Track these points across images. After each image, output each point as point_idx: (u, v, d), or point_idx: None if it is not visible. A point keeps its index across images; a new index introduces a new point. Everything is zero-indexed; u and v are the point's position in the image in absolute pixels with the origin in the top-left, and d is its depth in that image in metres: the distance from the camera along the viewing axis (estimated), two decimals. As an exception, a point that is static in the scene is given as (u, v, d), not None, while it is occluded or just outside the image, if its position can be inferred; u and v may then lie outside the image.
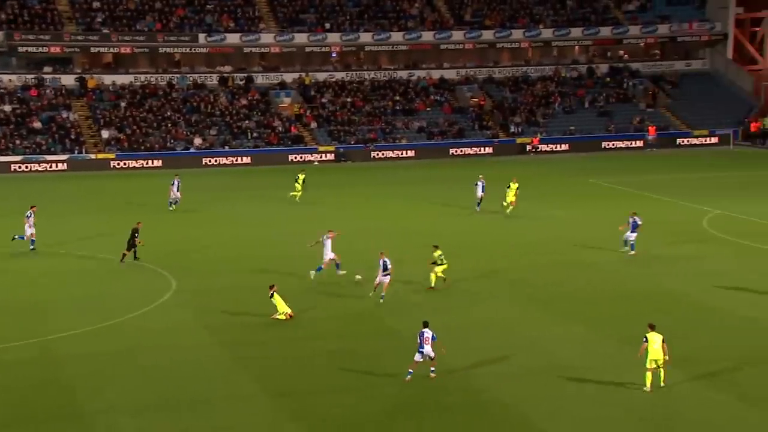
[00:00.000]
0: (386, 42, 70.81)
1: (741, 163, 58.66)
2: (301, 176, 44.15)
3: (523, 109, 69.33)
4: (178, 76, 67.69)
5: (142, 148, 60.96)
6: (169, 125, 63.14)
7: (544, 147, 65.55)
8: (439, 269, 27.98)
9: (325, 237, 29.01)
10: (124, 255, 32.09)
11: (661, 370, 20.62)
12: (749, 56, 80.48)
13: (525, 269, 31.19)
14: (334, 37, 69.70)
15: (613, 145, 66.61)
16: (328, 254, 28.94)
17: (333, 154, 62.60)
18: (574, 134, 67.33)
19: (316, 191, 45.48)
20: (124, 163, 59.50)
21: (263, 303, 26.05)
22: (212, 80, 68.06)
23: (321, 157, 62.19)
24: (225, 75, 68.30)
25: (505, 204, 39.67)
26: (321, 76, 70.05)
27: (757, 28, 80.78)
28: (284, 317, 25.40)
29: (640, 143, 66.62)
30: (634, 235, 32.43)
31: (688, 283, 29.35)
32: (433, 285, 28.06)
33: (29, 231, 33.65)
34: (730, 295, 27.75)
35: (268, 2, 71.47)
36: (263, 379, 21.54)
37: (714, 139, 67.23)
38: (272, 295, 25.55)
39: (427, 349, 21.11)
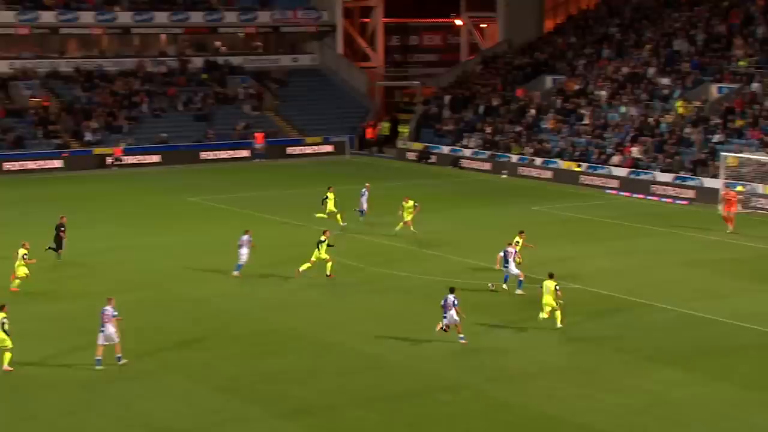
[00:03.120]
0: None
1: (359, 175, 62.40)
2: (331, 195, 43.47)
3: (100, 111, 67.71)
4: None
5: None
6: None
7: (129, 159, 64.49)
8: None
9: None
10: (54, 249, 36.15)
11: (557, 312, 27.94)
12: (361, 52, 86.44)
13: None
14: None
15: (215, 155, 67.50)
16: None
17: None
18: (166, 142, 67.15)
19: None
20: None
21: None
22: None
23: None
24: None
25: (399, 227, 41.38)
26: None
27: (367, 20, 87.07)
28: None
29: (246, 153, 68.23)
30: (245, 252, 34.64)
31: (303, 318, 30.32)
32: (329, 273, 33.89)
33: None
34: (355, 331, 29.06)
35: None
36: None
37: (329, 148, 71.01)
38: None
39: (451, 314, 26.45)
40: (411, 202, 41.57)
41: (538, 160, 60.85)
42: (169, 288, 33.74)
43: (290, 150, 70.25)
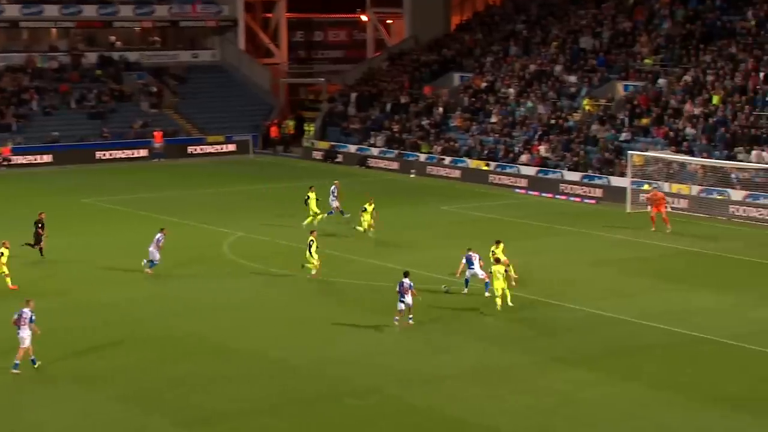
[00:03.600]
0: None
1: (262, 175, 62.39)
2: (313, 194, 43.57)
3: (-12, 109, 66.43)
4: None
5: None
6: None
7: (18, 159, 63.29)
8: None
9: None
10: (32, 246, 37.11)
11: (507, 293, 30.65)
12: (264, 47, 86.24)
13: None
14: None
15: (111, 155, 66.66)
16: None
17: None
18: (59, 141, 66.10)
19: None
20: None
21: None
22: None
23: None
24: None
25: (364, 228, 41.83)
26: None
27: (270, 14, 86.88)
28: None
29: (144, 152, 67.55)
30: (151, 250, 35.38)
31: (207, 323, 30.25)
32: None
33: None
34: (259, 335, 29.10)
35: None
36: None
37: (231, 147, 70.68)
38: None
39: (408, 298, 28.58)
40: (373, 206, 41.87)
41: (447, 159, 61.52)
42: (69, 292, 33.35)
43: (191, 149, 69.75)
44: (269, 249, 39.86)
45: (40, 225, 37.88)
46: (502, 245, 33.84)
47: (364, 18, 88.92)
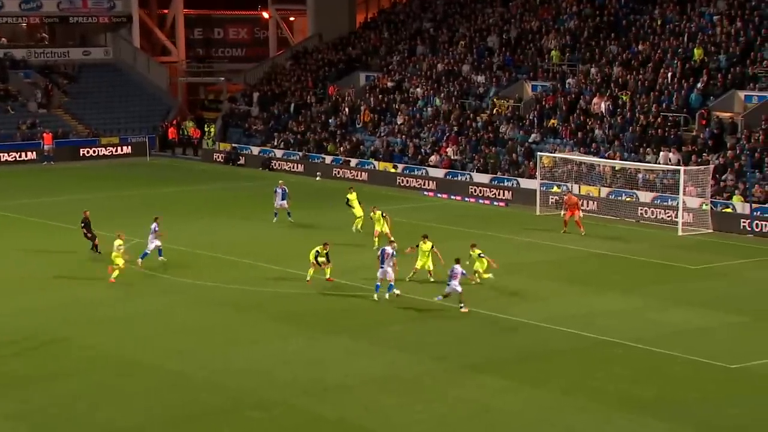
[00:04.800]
0: None
1: (160, 178, 61.76)
2: (353, 196, 43.52)
3: None
4: None
5: None
6: None
7: None
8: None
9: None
10: (95, 245, 38.02)
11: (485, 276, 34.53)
12: (160, 44, 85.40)
13: None
14: None
15: (-1, 157, 65.74)
16: None
17: None
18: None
19: None
20: None
21: None
22: None
23: None
24: None
25: (380, 238, 40.09)
26: None
27: (166, 10, 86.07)
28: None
29: (32, 155, 66.45)
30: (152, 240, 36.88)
31: (101, 334, 29.85)
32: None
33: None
34: (157, 346, 28.83)
35: None
36: None
37: (127, 149, 69.79)
38: None
39: (454, 283, 30.95)
40: (378, 213, 40.94)
41: (353, 161, 61.62)
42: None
43: (83, 151, 68.78)
44: (166, 256, 39.41)
45: (83, 224, 38.32)
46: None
47: (265, 15, 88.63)
